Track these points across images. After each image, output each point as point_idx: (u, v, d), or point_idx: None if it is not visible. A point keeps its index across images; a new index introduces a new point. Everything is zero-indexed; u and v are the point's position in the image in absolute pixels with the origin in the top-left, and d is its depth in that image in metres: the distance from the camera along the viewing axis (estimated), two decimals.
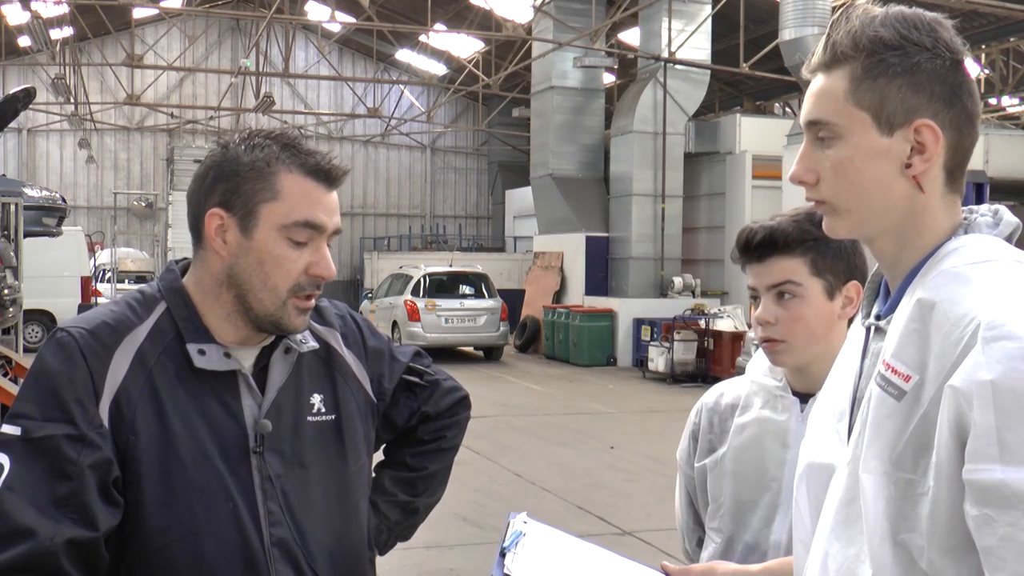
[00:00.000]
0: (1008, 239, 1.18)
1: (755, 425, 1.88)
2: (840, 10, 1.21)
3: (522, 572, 1.45)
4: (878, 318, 1.22)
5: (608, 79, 23.75)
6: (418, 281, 18.32)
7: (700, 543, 2.03)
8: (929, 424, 1.06)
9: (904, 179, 1.16)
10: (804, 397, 1.83)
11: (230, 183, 1.52)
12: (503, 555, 1.47)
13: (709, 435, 1.97)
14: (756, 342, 1.85)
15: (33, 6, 22.51)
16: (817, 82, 1.21)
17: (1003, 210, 1.20)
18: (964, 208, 1.22)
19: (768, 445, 1.84)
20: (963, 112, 1.16)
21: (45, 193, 14.01)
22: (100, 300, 18.54)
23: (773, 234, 1.77)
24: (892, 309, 1.18)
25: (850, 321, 1.83)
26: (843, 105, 1.17)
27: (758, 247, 1.78)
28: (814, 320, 1.76)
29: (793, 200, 7.33)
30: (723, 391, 2.00)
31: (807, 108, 1.21)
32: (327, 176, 1.55)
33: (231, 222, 1.52)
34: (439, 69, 31.74)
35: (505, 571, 1.44)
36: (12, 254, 10.55)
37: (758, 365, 1.93)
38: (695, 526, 2.06)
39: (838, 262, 1.78)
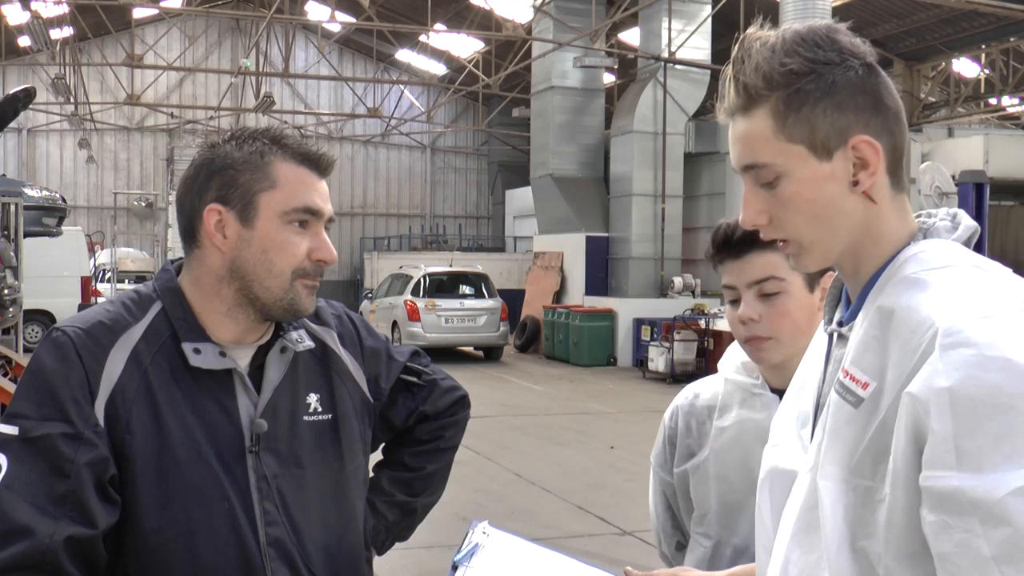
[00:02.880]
0: (966, 243, 1.17)
1: (735, 427, 1.85)
2: (735, 47, 1.19)
3: None
4: (840, 325, 1.21)
5: (608, 79, 23.75)
6: (418, 281, 18.31)
7: (679, 547, 2.00)
8: (887, 431, 1.06)
9: (855, 195, 1.15)
10: (782, 394, 1.80)
11: (225, 177, 1.53)
12: (455, 568, 1.45)
13: (687, 439, 1.93)
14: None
15: (33, 6, 22.51)
16: (738, 126, 1.18)
17: (961, 214, 1.19)
18: (923, 212, 1.22)
19: (750, 446, 1.81)
20: (889, 113, 1.15)
21: (45, 193, 14.03)
22: (100, 300, 18.51)
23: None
24: (854, 316, 1.18)
25: None
26: (775, 144, 1.15)
27: (738, 243, 1.74)
28: (799, 314, 1.73)
29: None
30: (697, 392, 1.96)
31: (738, 154, 1.19)
32: (318, 163, 1.58)
33: (230, 216, 1.53)
34: (439, 69, 31.73)
35: None
36: (12, 254, 10.56)
37: (730, 363, 1.90)
38: (673, 530, 2.03)
39: None
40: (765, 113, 1.15)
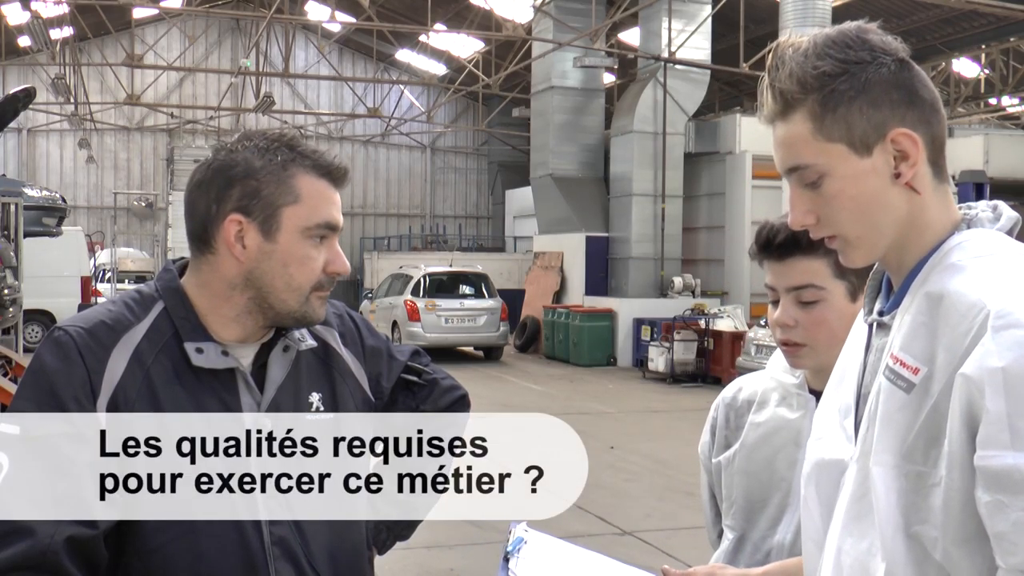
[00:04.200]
0: (1009, 233, 1.19)
1: (768, 423, 1.85)
2: (769, 55, 1.22)
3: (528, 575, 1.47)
4: (881, 314, 1.23)
5: (608, 79, 23.75)
6: (418, 281, 18.32)
7: (721, 535, 2.01)
8: (940, 415, 1.07)
9: (897, 187, 1.17)
10: (820, 396, 1.78)
11: (247, 187, 1.52)
12: (507, 559, 1.50)
13: (725, 431, 1.95)
14: (761, 343, 1.82)
15: (33, 6, 22.51)
16: (778, 131, 1.22)
17: (1002, 205, 1.22)
18: (963, 204, 1.24)
19: (780, 444, 1.82)
20: (925, 104, 1.18)
21: (45, 193, 14.06)
22: (100, 300, 18.51)
23: (796, 233, 1.64)
24: (896, 305, 1.19)
25: None
26: (815, 145, 1.18)
27: (780, 246, 1.71)
28: (837, 324, 1.68)
29: None
30: (741, 386, 1.97)
31: (781, 157, 1.22)
32: (336, 175, 1.58)
33: (251, 227, 1.52)
34: (439, 69, 31.73)
35: (511, 575, 1.46)
36: (12, 254, 10.57)
37: (779, 360, 1.89)
38: (716, 519, 2.04)
39: None
40: (803, 116, 1.18)
